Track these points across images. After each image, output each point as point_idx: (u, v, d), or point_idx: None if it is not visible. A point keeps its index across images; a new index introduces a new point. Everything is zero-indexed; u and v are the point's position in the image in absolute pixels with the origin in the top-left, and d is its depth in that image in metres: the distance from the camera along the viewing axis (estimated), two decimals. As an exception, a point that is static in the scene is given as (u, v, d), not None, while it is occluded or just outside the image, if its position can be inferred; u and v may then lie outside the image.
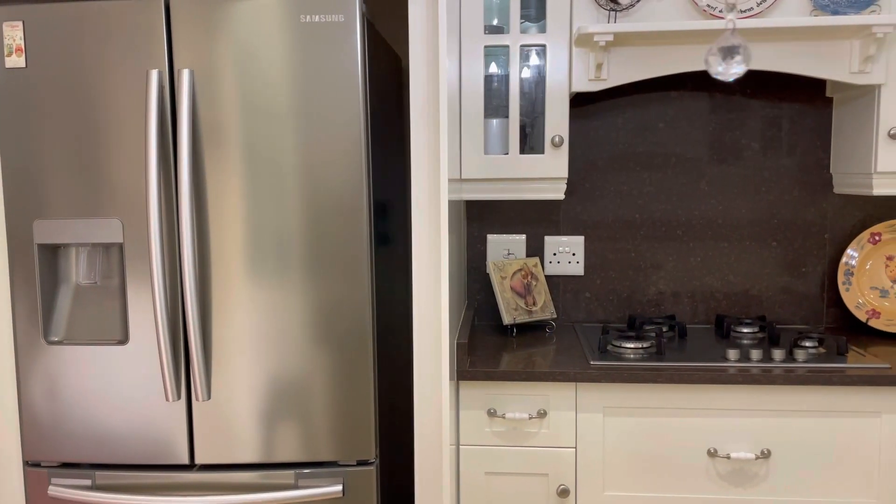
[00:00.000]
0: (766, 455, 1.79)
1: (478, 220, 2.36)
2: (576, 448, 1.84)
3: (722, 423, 1.80)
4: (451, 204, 1.95)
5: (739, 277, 2.30)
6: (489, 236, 2.36)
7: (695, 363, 1.83)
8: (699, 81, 2.26)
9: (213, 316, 1.59)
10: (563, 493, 1.83)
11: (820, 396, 1.77)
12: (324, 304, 1.59)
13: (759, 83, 2.23)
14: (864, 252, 2.17)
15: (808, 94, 2.22)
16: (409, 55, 1.54)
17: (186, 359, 1.60)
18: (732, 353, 1.86)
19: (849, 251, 2.19)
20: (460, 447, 1.87)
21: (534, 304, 2.23)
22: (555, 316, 2.26)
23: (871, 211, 2.23)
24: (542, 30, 2.02)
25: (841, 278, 2.19)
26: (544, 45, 1.99)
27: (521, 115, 2.12)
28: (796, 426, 1.78)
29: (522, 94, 2.12)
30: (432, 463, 1.64)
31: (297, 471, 1.59)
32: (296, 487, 1.59)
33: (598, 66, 1.92)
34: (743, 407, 1.79)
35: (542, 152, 2.05)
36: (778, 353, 1.84)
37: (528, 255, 2.36)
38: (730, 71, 1.34)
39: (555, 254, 2.34)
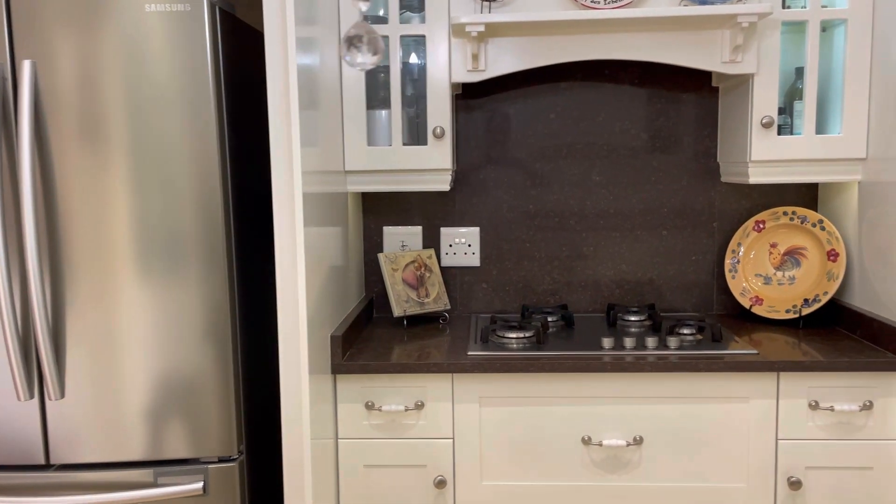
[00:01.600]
0: (638, 442, 1.81)
1: (374, 212, 2.35)
2: (453, 439, 1.84)
3: (596, 411, 1.82)
4: (336, 196, 1.94)
5: (632, 266, 2.32)
6: (385, 228, 2.35)
7: (570, 352, 1.84)
8: (589, 72, 2.27)
9: (66, 314, 1.55)
10: (440, 483, 1.83)
11: (690, 383, 1.79)
12: (181, 301, 1.56)
13: (647, 73, 2.25)
14: (750, 240, 2.21)
15: (696, 83, 2.25)
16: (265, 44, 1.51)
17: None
18: (607, 342, 1.88)
19: (735, 239, 2.22)
20: (339, 440, 1.86)
21: (426, 295, 2.23)
22: (448, 307, 2.26)
23: (758, 199, 2.27)
24: (424, 20, 2.01)
25: (728, 266, 2.22)
26: (424, 36, 1.98)
27: (408, 106, 2.11)
28: (668, 413, 1.81)
29: (412, 84, 2.11)
30: (298, 457, 1.62)
31: (157, 469, 1.57)
32: (155, 486, 1.57)
33: (475, 57, 1.91)
34: (616, 395, 1.81)
35: (426, 143, 2.04)
36: (651, 341, 1.86)
37: (425, 246, 2.35)
38: (356, 60, 1.34)
39: (451, 245, 2.34)
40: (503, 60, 1.95)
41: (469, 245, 2.34)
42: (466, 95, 2.29)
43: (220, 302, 1.57)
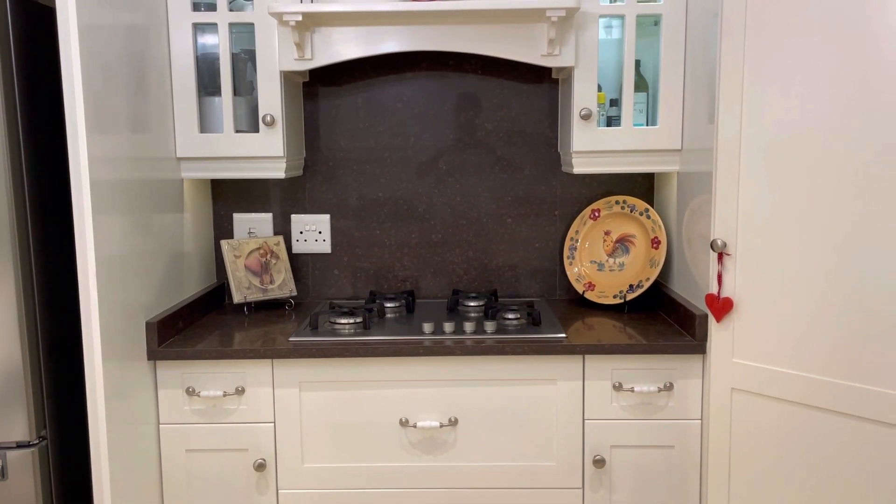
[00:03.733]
0: (453, 423, 1.87)
1: (223, 198, 2.36)
2: (274, 423, 1.87)
3: (413, 394, 1.87)
4: (164, 183, 1.94)
5: (479, 253, 2.37)
6: (235, 215, 2.36)
7: (390, 337, 1.88)
8: (434, 62, 2.30)
9: None
10: (260, 467, 1.86)
11: (503, 366, 1.85)
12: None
13: (491, 64, 2.30)
14: (587, 228, 2.28)
15: (538, 75, 2.30)
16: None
17: None
18: (427, 327, 1.92)
19: (573, 227, 2.29)
20: (160, 426, 1.88)
21: (271, 282, 2.25)
22: (294, 294, 2.28)
23: (597, 188, 2.34)
24: (255, 8, 2.01)
25: (566, 252, 2.29)
26: (253, 24, 1.98)
27: (248, 93, 2.12)
28: (482, 395, 1.87)
29: (252, 72, 2.12)
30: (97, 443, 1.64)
31: (-51, 455, 1.57)
32: (-52, 472, 1.56)
33: (298, 46, 1.93)
34: (433, 378, 1.86)
35: (257, 131, 2.05)
36: (469, 326, 1.92)
37: (276, 233, 2.37)
38: None
39: (301, 232, 2.36)
40: (331, 49, 1.98)
41: (320, 232, 2.36)
42: (316, 83, 2.31)
43: (7, 290, 1.56)
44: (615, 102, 2.16)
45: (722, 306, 1.71)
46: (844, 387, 1.54)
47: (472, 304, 2.20)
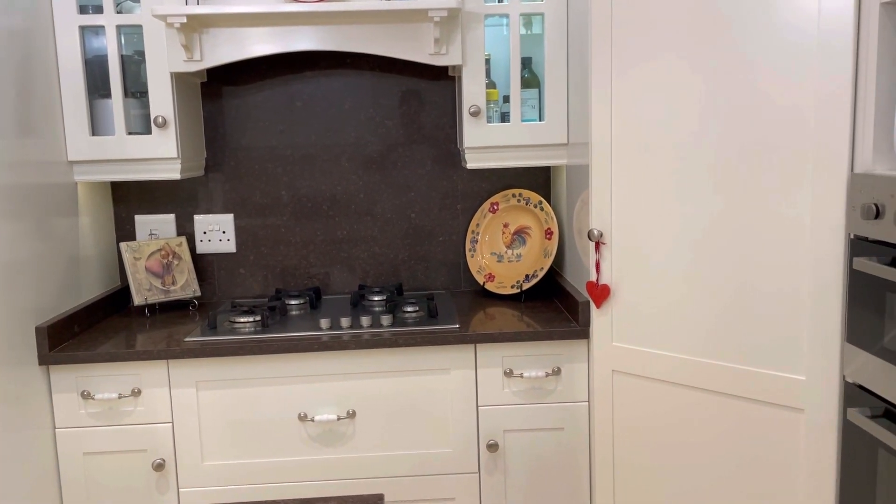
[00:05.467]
0: (351, 415, 1.91)
1: (125, 201, 2.35)
2: (172, 423, 1.89)
3: (312, 389, 1.91)
4: (55, 187, 1.92)
5: (384, 248, 2.42)
6: (137, 217, 2.35)
7: (288, 333, 1.92)
8: (332, 61, 2.33)
9: None
10: (159, 467, 1.87)
11: (398, 358, 1.90)
12: None
13: (389, 62, 2.34)
14: (486, 221, 2.34)
15: (435, 72, 2.35)
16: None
17: None
18: (324, 322, 1.96)
19: (474, 220, 2.35)
20: (56, 430, 1.87)
21: (173, 283, 2.25)
22: (198, 294, 2.29)
23: (497, 182, 2.40)
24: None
25: (468, 245, 2.35)
26: (141, 26, 1.98)
27: (142, 95, 2.11)
28: (379, 387, 1.92)
29: (146, 74, 2.11)
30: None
31: None
32: None
33: (186, 48, 1.94)
34: (330, 372, 1.90)
35: (150, 133, 2.05)
36: (366, 320, 1.96)
37: (179, 234, 2.37)
38: None
39: (205, 232, 2.37)
40: (221, 51, 1.99)
41: (224, 232, 2.37)
42: (218, 83, 2.31)
43: None
44: (507, 99, 2.23)
45: (601, 293, 1.79)
46: (710, 365, 1.64)
47: (376, 298, 2.25)
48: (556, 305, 2.15)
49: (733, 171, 1.55)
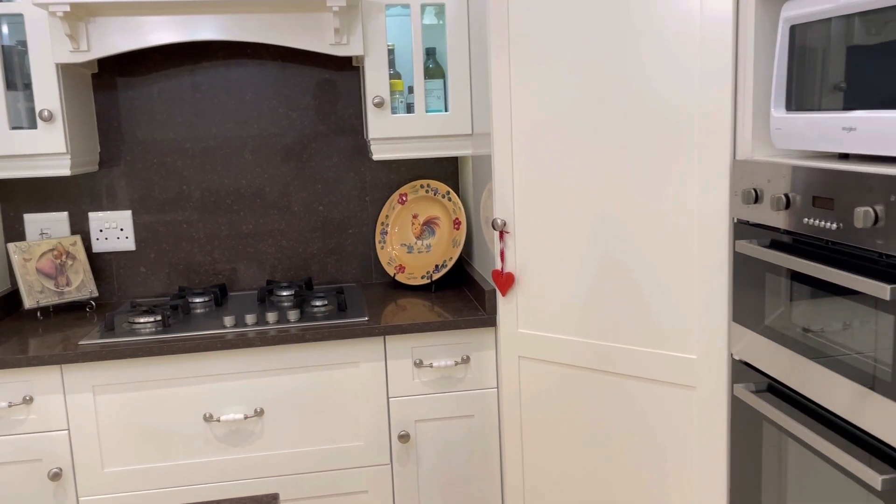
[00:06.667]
0: (259, 413, 1.88)
1: (11, 199, 2.22)
2: (69, 430, 1.81)
3: (217, 388, 1.86)
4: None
5: (292, 242, 2.38)
6: (26, 216, 2.23)
7: (190, 333, 1.86)
8: (231, 51, 2.27)
9: None
10: (56, 476, 1.79)
11: (306, 353, 1.88)
12: None
13: (291, 52, 2.29)
14: (396, 212, 2.34)
15: (339, 63, 2.32)
16: None
17: None
18: (228, 320, 1.92)
19: (383, 212, 2.35)
20: (-60, 445, 1.77)
21: (67, 284, 2.15)
22: (95, 294, 2.20)
23: (405, 173, 2.40)
24: None
25: (378, 237, 2.34)
26: (22, 15, 1.88)
27: (26, 88, 2.00)
28: (287, 383, 1.89)
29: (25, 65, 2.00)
30: None
31: None
32: None
33: (72, 38, 1.84)
34: (235, 370, 1.86)
35: (36, 127, 1.95)
36: (272, 316, 1.93)
37: (73, 233, 2.26)
38: None
39: (101, 230, 2.27)
40: (110, 40, 1.90)
41: (122, 229, 2.28)
42: (112, 74, 2.21)
43: None
44: (412, 89, 2.22)
45: (505, 281, 1.82)
46: (609, 347, 1.69)
47: (284, 293, 2.21)
48: (465, 295, 2.17)
49: (624, 160, 1.60)
